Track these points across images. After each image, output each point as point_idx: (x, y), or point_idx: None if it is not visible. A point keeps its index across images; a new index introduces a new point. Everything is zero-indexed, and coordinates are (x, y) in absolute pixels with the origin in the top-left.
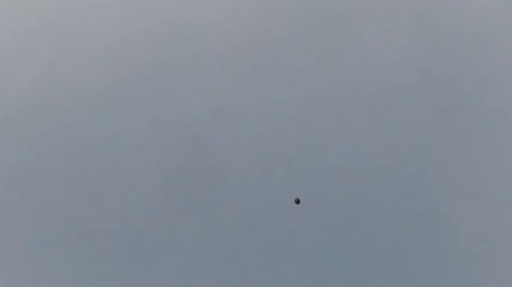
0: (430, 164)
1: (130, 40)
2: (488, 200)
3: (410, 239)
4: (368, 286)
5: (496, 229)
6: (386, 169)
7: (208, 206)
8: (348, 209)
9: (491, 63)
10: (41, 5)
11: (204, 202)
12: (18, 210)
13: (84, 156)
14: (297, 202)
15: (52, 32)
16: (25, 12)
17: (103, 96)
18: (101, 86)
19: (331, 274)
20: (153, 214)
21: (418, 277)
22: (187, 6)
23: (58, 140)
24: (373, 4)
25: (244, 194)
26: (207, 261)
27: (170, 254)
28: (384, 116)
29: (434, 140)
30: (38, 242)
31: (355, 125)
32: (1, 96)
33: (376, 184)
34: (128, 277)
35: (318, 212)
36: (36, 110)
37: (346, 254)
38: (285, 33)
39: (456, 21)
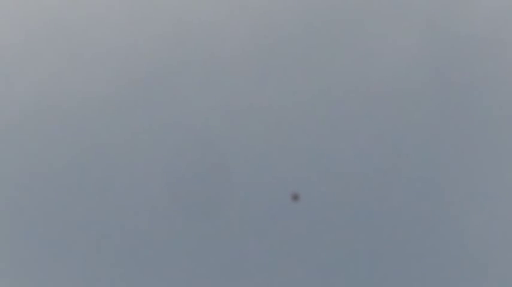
0: (438, 170)
1: (139, 43)
2: (497, 204)
3: (417, 243)
4: None
5: (506, 235)
6: (394, 173)
7: (216, 210)
8: (355, 213)
9: (501, 67)
10: (49, 7)
11: (212, 206)
12: (22, 215)
13: (92, 160)
14: (295, 197)
15: (60, 35)
16: (33, 14)
17: (110, 100)
18: (107, 90)
19: (340, 278)
20: (161, 218)
21: (425, 281)
22: (196, 8)
23: (65, 144)
24: (380, 7)
25: (252, 198)
26: (214, 267)
27: (177, 259)
28: (391, 121)
29: (443, 145)
30: (43, 247)
31: (363, 129)
32: (8, 99)
33: (384, 189)
34: (134, 282)
35: (327, 217)
36: (43, 113)
37: (355, 258)
38: (293, 37)
39: (466, 25)
